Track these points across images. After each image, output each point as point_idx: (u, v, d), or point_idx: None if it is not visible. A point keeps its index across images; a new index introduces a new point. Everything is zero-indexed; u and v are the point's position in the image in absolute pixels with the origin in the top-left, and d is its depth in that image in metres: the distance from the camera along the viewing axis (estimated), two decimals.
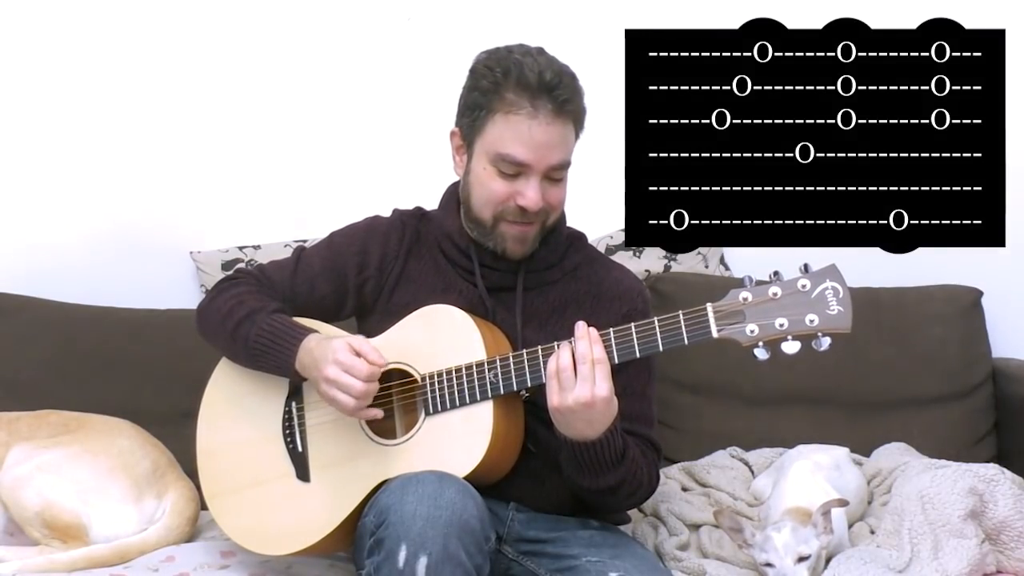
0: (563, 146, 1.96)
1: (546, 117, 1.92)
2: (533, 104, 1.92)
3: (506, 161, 1.94)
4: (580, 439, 1.87)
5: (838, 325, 1.76)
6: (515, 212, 1.97)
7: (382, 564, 1.76)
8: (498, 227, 2.00)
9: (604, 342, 1.83)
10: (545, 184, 1.96)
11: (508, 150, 1.94)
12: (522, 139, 1.93)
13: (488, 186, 1.97)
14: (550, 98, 1.92)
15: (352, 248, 2.11)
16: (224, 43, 2.85)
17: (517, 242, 2.01)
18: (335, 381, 1.88)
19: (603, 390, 1.81)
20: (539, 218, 1.99)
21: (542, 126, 1.92)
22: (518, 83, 1.92)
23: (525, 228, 1.99)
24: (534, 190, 1.95)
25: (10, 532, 2.24)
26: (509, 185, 1.96)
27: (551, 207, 1.99)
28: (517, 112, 1.92)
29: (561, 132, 1.94)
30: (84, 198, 2.84)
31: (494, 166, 1.96)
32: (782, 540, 1.99)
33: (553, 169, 1.96)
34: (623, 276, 2.14)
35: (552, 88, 1.92)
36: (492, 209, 1.99)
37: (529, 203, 1.95)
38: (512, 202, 1.96)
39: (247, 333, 2.01)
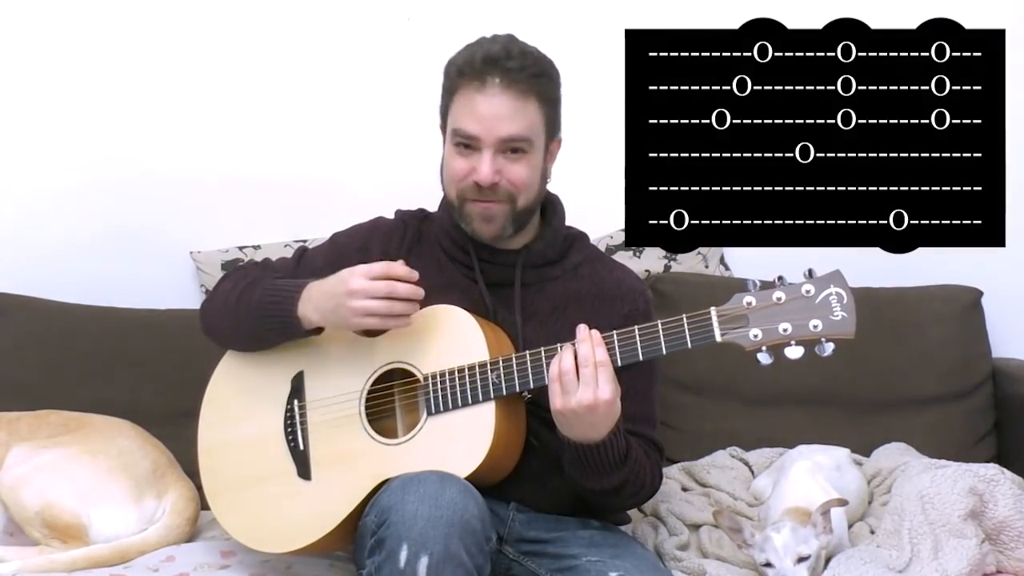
0: (516, 119, 1.95)
1: (493, 89, 1.94)
2: (480, 78, 1.94)
3: (459, 135, 1.97)
4: (583, 441, 1.87)
5: (842, 331, 1.76)
6: (472, 189, 1.98)
7: (383, 564, 1.76)
8: (464, 208, 2.01)
9: (607, 344, 1.83)
10: (502, 160, 1.97)
11: (459, 124, 1.96)
12: (472, 112, 1.95)
13: (450, 164, 2.00)
14: (497, 70, 1.94)
15: (354, 245, 2.12)
16: (224, 43, 2.85)
17: (483, 220, 2.01)
18: (367, 290, 1.87)
19: (606, 393, 1.81)
20: (500, 196, 1.98)
21: (490, 98, 1.94)
22: (468, 62, 1.96)
23: (487, 206, 1.99)
24: (486, 163, 1.95)
25: (10, 532, 2.24)
26: (466, 162, 1.97)
27: (512, 185, 1.98)
28: (467, 87, 1.95)
29: (512, 104, 1.95)
30: (84, 198, 2.84)
31: (453, 144, 1.99)
32: (782, 540, 1.99)
33: (506, 142, 1.96)
34: (625, 276, 2.14)
35: (497, 60, 1.94)
36: (455, 188, 2.00)
37: (481, 177, 1.95)
38: (470, 179, 1.98)
39: (250, 299, 2.02)
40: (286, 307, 1.98)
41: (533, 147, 1.99)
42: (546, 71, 1.99)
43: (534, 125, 1.98)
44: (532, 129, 1.98)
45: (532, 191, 2.02)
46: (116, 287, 2.79)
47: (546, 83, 1.99)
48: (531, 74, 1.95)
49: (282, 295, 1.99)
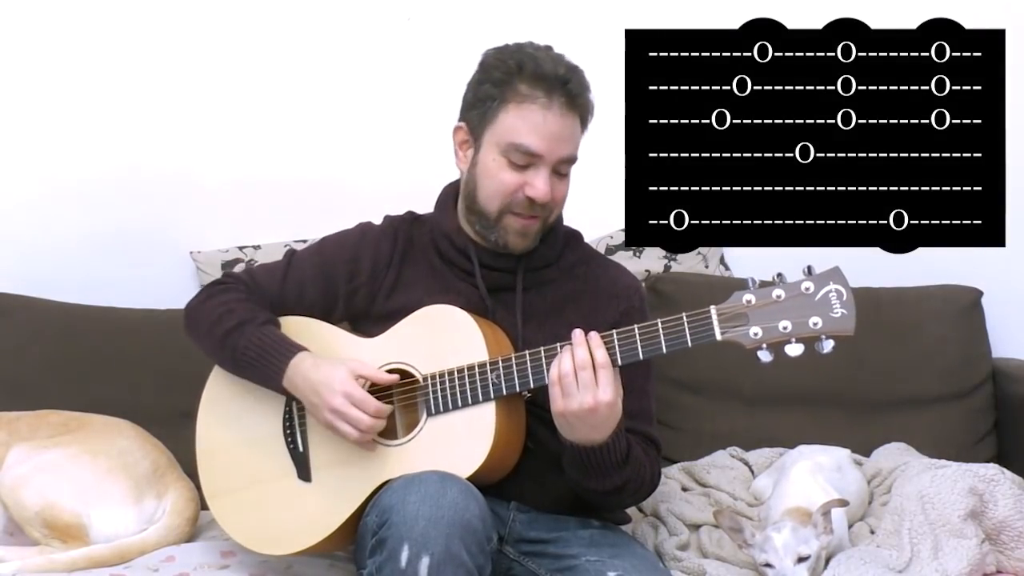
0: (573, 140, 1.98)
1: (559, 109, 1.94)
2: (548, 95, 1.94)
3: (519, 151, 1.95)
4: (585, 443, 1.87)
5: (841, 328, 1.76)
6: (523, 204, 1.98)
7: (384, 564, 1.76)
8: (503, 220, 2.00)
9: (607, 344, 1.83)
10: (553, 178, 1.98)
11: (521, 140, 1.95)
12: (536, 129, 1.94)
13: (498, 177, 1.98)
14: (563, 91, 1.94)
15: (343, 256, 2.11)
16: (224, 43, 2.85)
17: (519, 236, 2.01)
18: (342, 413, 1.90)
19: (607, 395, 1.81)
20: (543, 212, 2.00)
21: (556, 117, 1.94)
22: (534, 75, 1.94)
23: (529, 222, 2.00)
24: (544, 181, 1.96)
25: (10, 532, 2.24)
26: (519, 176, 1.97)
27: (555, 202, 2.01)
28: (532, 103, 1.94)
29: (572, 125, 1.97)
30: (84, 198, 2.84)
31: (505, 156, 1.97)
32: (782, 540, 1.99)
33: (562, 162, 1.98)
34: (620, 274, 2.15)
35: (566, 81, 1.94)
36: (500, 201, 1.99)
37: (539, 194, 1.96)
38: (521, 193, 1.97)
39: (235, 344, 2.01)
40: (271, 372, 1.98)
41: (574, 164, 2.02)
42: (590, 90, 2.00)
43: (579, 144, 2.01)
44: (578, 148, 2.01)
45: (563, 206, 2.06)
46: (116, 287, 2.79)
47: (590, 103, 2.01)
48: (585, 96, 1.98)
49: (269, 359, 1.98)
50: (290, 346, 1.99)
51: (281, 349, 1.98)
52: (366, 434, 1.91)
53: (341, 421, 1.90)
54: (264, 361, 1.99)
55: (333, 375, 1.91)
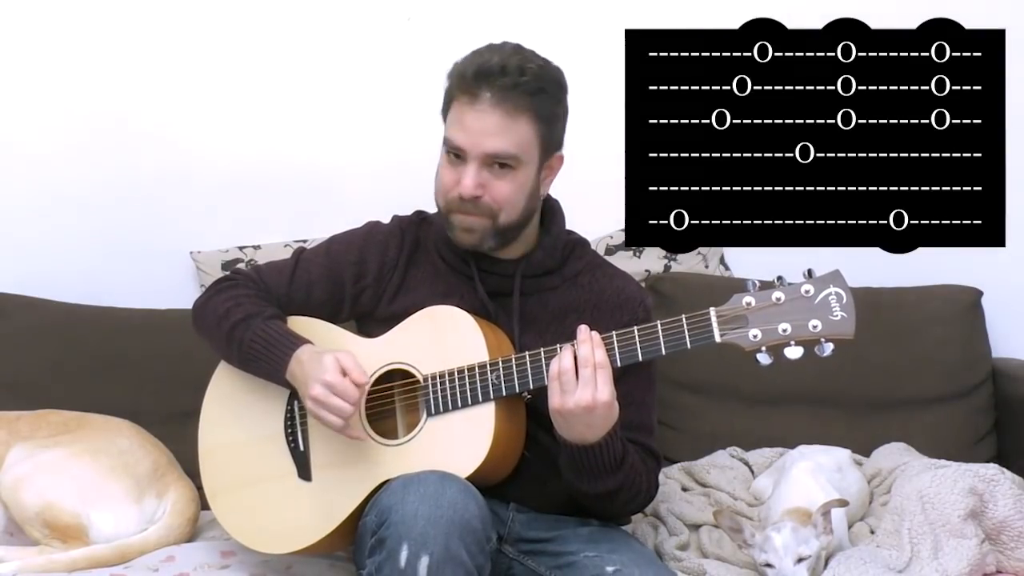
0: (503, 135, 1.93)
1: (484, 104, 1.92)
2: (472, 92, 1.93)
3: (449, 146, 1.97)
4: (580, 442, 1.87)
5: (841, 331, 1.76)
6: (457, 202, 1.98)
7: (384, 563, 1.76)
8: (450, 217, 2.00)
9: (607, 345, 1.83)
10: (487, 174, 1.95)
11: (449, 134, 1.97)
12: (460, 124, 1.94)
13: (440, 174, 2.00)
14: (488, 86, 1.92)
15: (350, 257, 2.11)
16: (224, 43, 2.85)
17: (464, 231, 2.00)
18: (323, 402, 1.89)
19: (604, 394, 1.81)
20: (481, 210, 1.97)
21: (478, 113, 1.93)
22: (462, 74, 1.95)
23: (470, 219, 1.98)
24: (470, 177, 1.94)
25: (10, 532, 2.24)
26: (454, 173, 1.97)
27: (495, 201, 1.97)
28: (460, 99, 1.95)
29: (501, 121, 1.93)
30: (84, 198, 2.84)
31: (445, 153, 1.99)
32: (782, 540, 1.99)
33: (491, 157, 1.94)
34: (625, 284, 2.12)
35: (490, 75, 1.92)
36: (443, 198, 2.00)
37: (463, 189, 1.95)
38: (456, 190, 1.97)
39: (241, 337, 2.01)
40: (275, 365, 1.99)
41: (521, 164, 1.96)
42: (544, 88, 1.95)
43: (524, 142, 1.96)
44: (521, 146, 1.95)
45: (516, 208, 1.99)
46: (116, 287, 2.79)
47: (542, 100, 1.95)
48: (525, 91, 1.93)
49: (273, 352, 1.99)
50: (294, 339, 1.99)
51: (285, 342, 1.99)
52: (347, 422, 1.90)
53: (322, 410, 1.90)
54: (269, 354, 1.99)
55: (320, 364, 1.91)
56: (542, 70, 1.96)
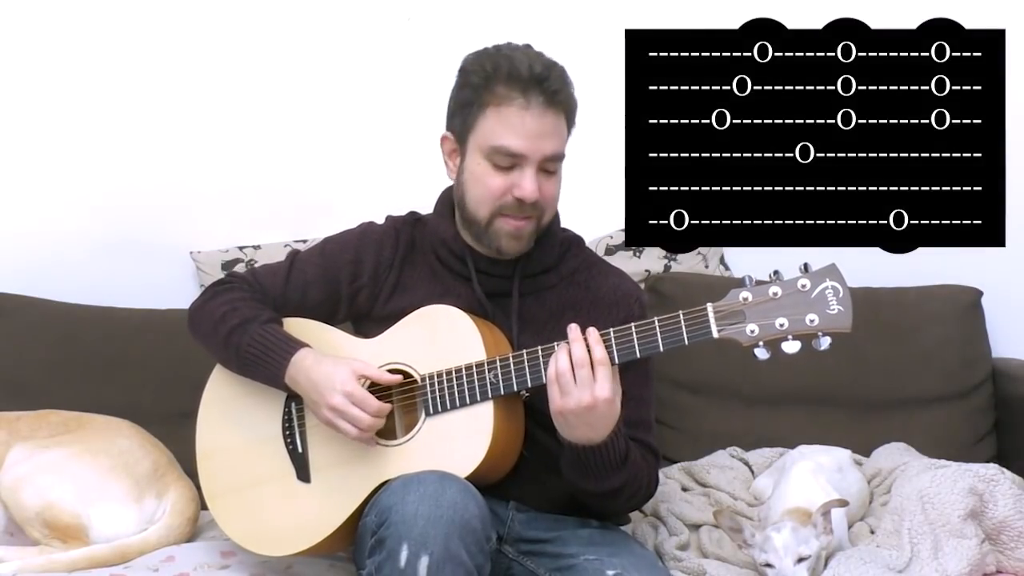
0: (556, 136, 1.96)
1: (538, 108, 1.93)
2: (525, 95, 1.93)
3: (501, 153, 1.95)
4: (583, 443, 1.87)
5: (838, 325, 1.76)
6: (513, 206, 1.97)
7: (383, 563, 1.76)
8: (494, 224, 1.99)
9: (605, 342, 1.83)
10: (540, 176, 1.97)
11: (503, 142, 1.94)
12: (516, 130, 1.93)
13: (484, 181, 1.98)
14: (541, 89, 1.93)
15: (345, 257, 2.11)
16: (224, 43, 2.85)
17: (512, 238, 2.00)
18: (342, 412, 1.90)
19: (604, 391, 1.81)
20: (535, 212, 1.99)
21: (535, 116, 1.93)
22: (509, 76, 1.93)
23: (521, 223, 1.99)
24: (530, 180, 1.95)
25: (10, 532, 2.24)
26: (505, 178, 1.96)
27: (545, 201, 1.99)
28: (509, 104, 1.93)
29: (553, 122, 1.95)
30: (84, 198, 2.84)
31: (489, 160, 1.96)
32: (782, 540, 1.99)
33: (548, 160, 1.96)
34: (621, 282, 2.13)
35: (542, 80, 1.93)
36: (489, 205, 1.98)
37: (526, 193, 1.95)
38: (509, 196, 1.96)
39: (239, 342, 2.01)
40: (273, 370, 1.99)
41: (561, 164, 2.00)
42: (571, 85, 1.99)
43: (565, 141, 2.00)
44: (565, 145, 2.00)
45: (555, 207, 2.04)
46: (116, 287, 2.79)
47: (574, 99, 1.99)
48: (565, 93, 1.96)
49: (272, 356, 1.99)
50: (293, 343, 1.99)
51: (284, 346, 1.99)
52: (366, 432, 1.91)
53: (341, 419, 1.90)
54: (267, 358, 1.99)
55: (334, 374, 1.91)
56: (563, 68, 1.99)
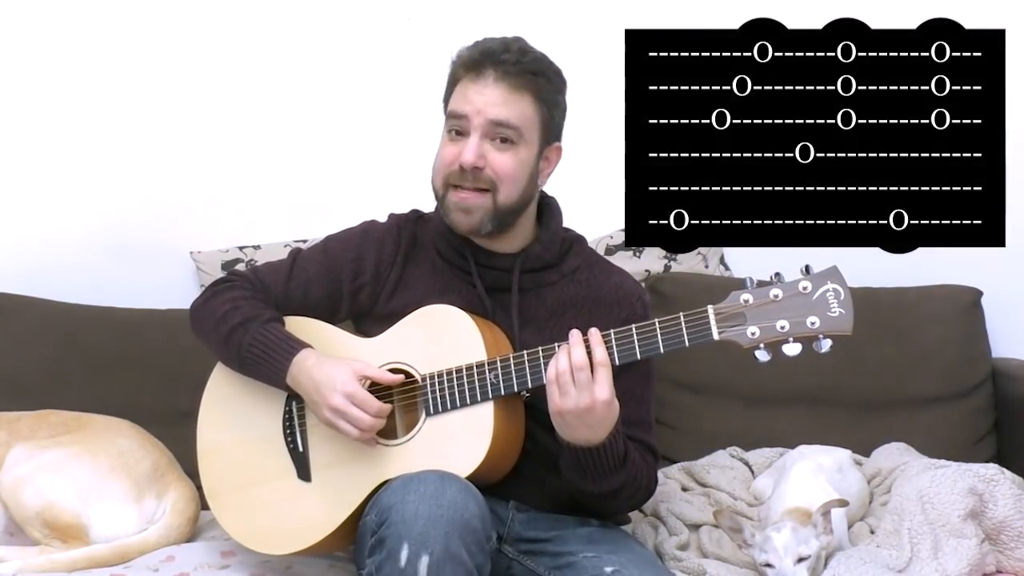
0: (506, 106, 1.96)
1: (487, 80, 1.96)
2: (476, 69, 1.96)
3: (451, 118, 1.98)
4: (582, 444, 1.87)
5: (839, 327, 1.76)
6: (456, 174, 1.98)
7: (384, 563, 1.76)
8: (447, 197, 2.00)
9: (605, 343, 1.83)
10: (488, 146, 1.97)
11: (452, 106, 1.98)
12: (464, 95, 1.97)
13: (441, 152, 2.01)
14: (493, 63, 1.95)
15: (348, 254, 2.11)
16: (224, 43, 2.85)
17: (460, 211, 1.99)
18: (343, 412, 1.90)
19: (604, 393, 1.81)
20: (481, 183, 1.97)
21: (481, 86, 1.96)
22: (467, 58, 1.98)
23: (467, 195, 1.98)
24: (473, 146, 1.95)
25: (10, 532, 2.24)
26: (455, 147, 1.98)
27: (495, 172, 1.97)
28: (464, 78, 1.98)
29: (505, 94, 1.96)
30: (84, 198, 2.84)
31: (447, 132, 2.00)
32: (782, 540, 1.99)
33: (494, 124, 1.96)
34: (623, 280, 2.13)
35: (494, 54, 1.96)
36: (441, 175, 2.00)
37: (463, 158, 1.95)
38: (456, 164, 1.97)
39: (240, 341, 2.01)
40: (275, 369, 1.99)
41: (523, 139, 1.98)
42: (544, 71, 1.99)
43: (526, 117, 1.98)
44: (523, 120, 1.97)
45: (517, 187, 2.00)
46: (116, 287, 2.79)
47: (543, 82, 1.98)
48: (526, 69, 1.96)
49: (273, 356, 1.99)
50: (294, 343, 1.99)
51: (285, 346, 1.99)
52: (367, 433, 1.91)
53: (342, 420, 1.90)
54: (268, 358, 1.99)
55: (336, 374, 1.92)
56: (543, 57, 2.00)
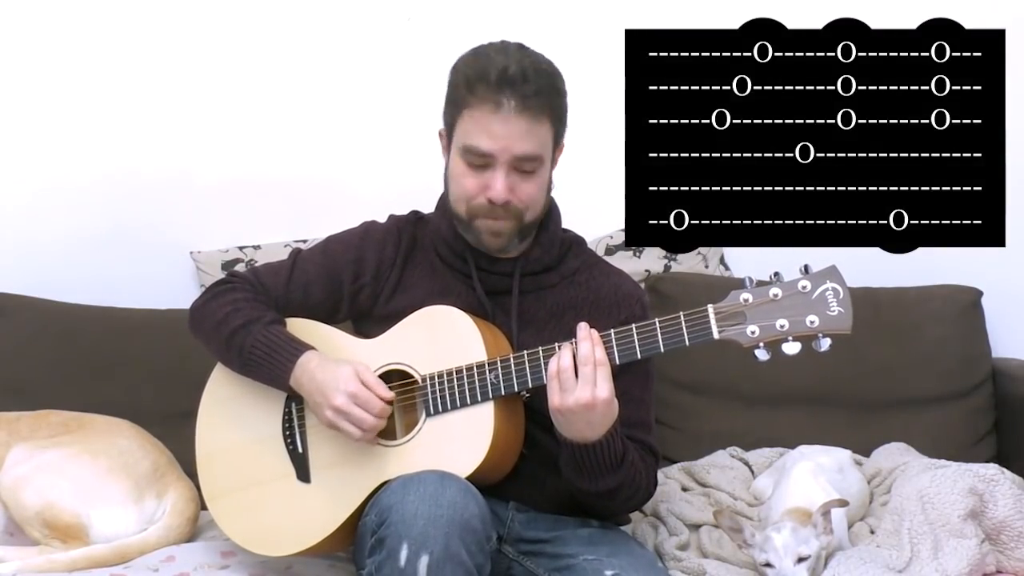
0: (530, 138, 1.95)
1: (509, 111, 1.92)
2: (495, 100, 1.92)
3: (472, 152, 1.95)
4: (580, 441, 1.87)
5: (838, 326, 1.77)
6: (485, 207, 1.97)
7: (383, 563, 1.76)
8: (474, 223, 2.00)
9: (605, 343, 1.83)
10: (515, 177, 1.96)
11: (473, 141, 1.94)
12: (487, 131, 1.93)
13: (460, 181, 1.99)
14: (513, 92, 1.92)
15: (348, 256, 2.11)
16: (224, 43, 2.85)
17: (492, 235, 2.00)
18: (345, 412, 1.90)
19: (604, 392, 1.81)
20: (510, 213, 1.98)
21: (505, 118, 1.92)
22: (482, 79, 1.93)
23: (498, 223, 1.99)
24: (500, 181, 1.95)
25: (10, 532, 2.24)
26: (478, 179, 1.97)
27: (522, 202, 1.98)
28: (481, 107, 1.93)
29: (527, 125, 1.94)
30: (84, 198, 2.84)
31: (464, 160, 1.97)
32: (782, 540, 1.99)
33: (520, 160, 1.95)
34: (622, 282, 2.14)
35: (514, 83, 1.92)
36: (464, 205, 1.99)
37: (495, 194, 1.95)
38: (482, 197, 1.97)
39: (242, 343, 2.01)
40: (278, 371, 1.99)
41: (543, 164, 1.99)
42: (557, 87, 1.98)
43: (545, 143, 1.98)
44: (544, 147, 1.98)
45: (539, 206, 2.03)
46: (116, 287, 2.79)
47: (557, 101, 1.98)
48: (546, 96, 1.95)
49: (276, 358, 1.99)
50: (298, 345, 1.99)
51: (289, 348, 1.99)
52: (369, 433, 1.91)
53: (344, 420, 1.91)
54: (271, 360, 1.99)
55: (338, 374, 1.92)
56: (551, 70, 1.98)
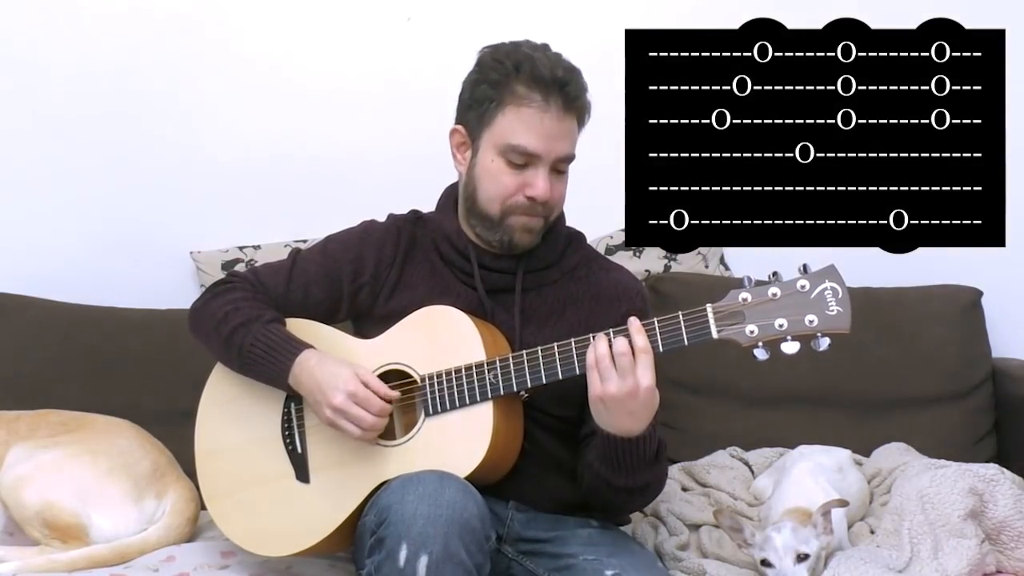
0: (570, 138, 1.99)
1: (557, 111, 1.95)
2: (545, 98, 1.94)
3: (516, 152, 1.96)
4: (621, 434, 1.86)
5: (837, 325, 1.77)
6: (524, 205, 1.99)
7: (383, 563, 1.76)
8: (507, 220, 2.01)
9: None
10: (551, 176, 1.98)
11: (520, 141, 1.95)
12: (534, 130, 1.95)
13: (498, 179, 1.99)
14: (561, 94, 1.95)
15: (347, 255, 2.11)
16: (224, 43, 2.86)
17: (525, 231, 2.02)
18: (345, 411, 1.90)
19: (646, 379, 1.79)
20: (545, 211, 2.01)
21: (553, 119, 1.95)
22: (531, 77, 1.95)
23: (532, 219, 2.01)
24: (544, 180, 1.97)
25: (10, 532, 2.24)
26: (518, 177, 1.98)
27: (555, 200, 2.01)
28: (529, 105, 1.95)
29: (569, 126, 1.98)
30: (84, 198, 2.85)
31: (503, 157, 1.97)
32: (782, 540, 1.99)
33: (560, 161, 1.98)
34: (622, 276, 2.15)
35: (564, 84, 1.95)
36: (501, 202, 2.00)
37: (539, 193, 1.97)
38: (521, 195, 1.98)
39: (241, 341, 2.01)
40: (277, 370, 1.99)
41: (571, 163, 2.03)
42: (587, 90, 2.01)
43: (576, 143, 2.02)
44: (575, 147, 2.02)
45: (562, 205, 2.07)
46: (116, 287, 2.80)
47: (588, 103, 2.02)
48: (583, 98, 1.99)
49: (275, 357, 1.99)
50: (297, 343, 1.99)
51: (288, 346, 1.99)
52: (369, 432, 1.91)
53: (344, 419, 1.91)
54: (270, 358, 1.99)
55: (338, 373, 1.92)
56: (579, 71, 2.00)
